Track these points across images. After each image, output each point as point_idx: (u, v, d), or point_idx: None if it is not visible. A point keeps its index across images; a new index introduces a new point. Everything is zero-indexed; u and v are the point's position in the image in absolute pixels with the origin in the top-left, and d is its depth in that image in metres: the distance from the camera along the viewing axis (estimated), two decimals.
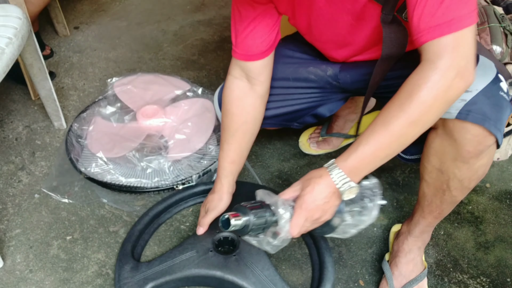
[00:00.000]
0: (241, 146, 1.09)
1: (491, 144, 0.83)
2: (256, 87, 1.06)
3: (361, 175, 0.81)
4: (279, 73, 1.12)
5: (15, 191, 1.34)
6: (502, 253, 1.20)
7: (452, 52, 0.71)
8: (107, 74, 1.79)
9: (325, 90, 1.13)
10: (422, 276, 1.09)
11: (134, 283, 1.03)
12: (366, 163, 0.79)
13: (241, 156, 1.10)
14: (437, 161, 0.91)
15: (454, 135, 0.84)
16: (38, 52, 1.34)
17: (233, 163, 1.09)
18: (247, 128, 1.09)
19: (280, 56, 1.13)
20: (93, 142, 1.39)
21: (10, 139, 1.50)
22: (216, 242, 1.10)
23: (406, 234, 1.10)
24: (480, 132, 0.81)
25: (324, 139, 1.46)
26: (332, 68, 1.10)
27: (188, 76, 1.76)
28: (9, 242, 1.20)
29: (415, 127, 0.76)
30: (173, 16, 2.17)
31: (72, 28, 2.06)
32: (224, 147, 1.08)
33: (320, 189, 0.81)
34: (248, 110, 1.07)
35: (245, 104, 1.07)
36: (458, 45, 0.72)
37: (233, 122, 1.07)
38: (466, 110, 0.79)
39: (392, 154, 0.79)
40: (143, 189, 1.29)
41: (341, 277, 1.14)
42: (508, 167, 1.43)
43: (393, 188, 1.36)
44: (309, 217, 0.82)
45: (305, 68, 1.12)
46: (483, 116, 0.79)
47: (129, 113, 1.48)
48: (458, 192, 0.93)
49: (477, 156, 0.85)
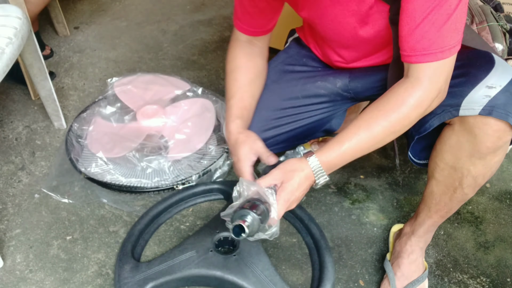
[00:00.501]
0: (255, 97, 1.04)
1: (509, 139, 0.85)
2: (263, 50, 1.07)
3: (335, 169, 0.87)
4: (288, 93, 1.10)
5: (15, 191, 1.34)
6: (502, 253, 1.20)
7: (440, 76, 0.80)
8: (107, 74, 1.79)
9: (337, 102, 1.12)
10: (423, 277, 1.09)
11: (134, 283, 1.03)
12: (343, 160, 0.86)
13: (253, 106, 1.04)
14: (452, 158, 0.91)
15: (474, 131, 0.85)
16: (38, 52, 1.34)
17: (245, 109, 1.01)
18: (260, 82, 1.07)
19: (281, 74, 1.13)
20: (93, 142, 1.39)
21: (10, 139, 1.50)
22: (216, 242, 1.10)
23: (410, 234, 1.10)
24: (502, 127, 0.82)
25: (325, 139, 1.46)
26: (341, 80, 1.08)
27: (188, 76, 1.76)
28: (9, 242, 1.20)
29: (393, 135, 0.84)
30: (173, 16, 2.17)
31: (72, 28, 2.06)
32: (237, 95, 1.01)
33: (301, 181, 0.85)
34: (261, 65, 1.06)
35: (257, 61, 1.06)
36: (444, 70, 0.80)
37: (246, 74, 1.03)
38: (489, 106, 0.81)
39: (364, 154, 0.86)
40: (143, 189, 1.29)
41: (341, 277, 1.14)
42: (508, 167, 1.43)
43: (393, 188, 1.36)
44: (288, 206, 0.86)
45: (313, 83, 1.10)
46: (506, 112, 0.80)
47: (129, 113, 1.48)
48: (470, 189, 0.94)
49: (495, 152, 0.87)
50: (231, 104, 1.00)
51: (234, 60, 1.04)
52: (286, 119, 1.11)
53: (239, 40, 1.06)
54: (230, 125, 0.98)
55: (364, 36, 0.94)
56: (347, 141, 0.83)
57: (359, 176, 1.39)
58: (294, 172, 0.85)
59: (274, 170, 0.86)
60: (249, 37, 1.05)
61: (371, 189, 1.36)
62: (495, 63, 0.84)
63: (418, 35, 0.78)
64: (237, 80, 1.02)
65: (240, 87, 1.02)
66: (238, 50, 1.05)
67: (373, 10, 0.88)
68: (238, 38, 1.06)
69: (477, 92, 0.82)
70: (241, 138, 0.95)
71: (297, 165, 0.85)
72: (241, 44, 1.05)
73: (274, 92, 1.11)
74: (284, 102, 1.09)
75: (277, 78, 1.13)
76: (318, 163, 0.85)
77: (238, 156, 0.94)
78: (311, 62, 1.14)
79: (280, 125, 1.10)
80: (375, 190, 1.35)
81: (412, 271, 1.09)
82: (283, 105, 1.09)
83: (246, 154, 0.94)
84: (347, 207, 1.30)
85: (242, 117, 0.99)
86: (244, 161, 0.93)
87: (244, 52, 1.05)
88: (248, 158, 0.93)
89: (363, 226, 1.26)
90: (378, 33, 0.91)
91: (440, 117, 0.88)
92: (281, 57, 1.18)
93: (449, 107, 0.86)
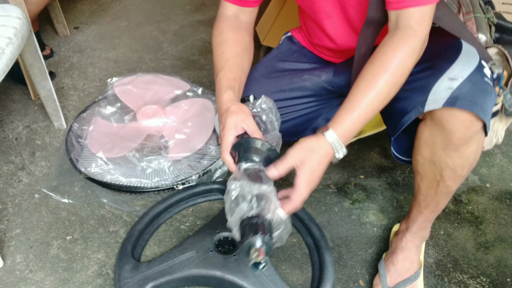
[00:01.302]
0: (244, 70, 1.02)
1: (478, 129, 0.85)
2: (249, 25, 1.07)
3: (351, 137, 0.85)
4: (274, 87, 1.10)
5: (15, 191, 1.34)
6: (502, 253, 1.20)
7: (428, 20, 0.82)
8: (107, 74, 1.79)
9: (322, 97, 1.12)
10: (416, 276, 1.09)
11: (134, 283, 1.03)
12: (358, 127, 0.84)
13: (243, 78, 1.01)
14: (428, 152, 0.92)
15: (443, 124, 0.85)
16: (38, 52, 1.34)
17: (235, 80, 0.97)
18: (248, 55, 1.05)
19: (272, 69, 1.13)
20: (93, 142, 1.39)
21: (10, 139, 1.50)
22: (216, 242, 1.10)
23: (404, 231, 1.11)
24: (468, 117, 0.82)
25: None
26: (326, 73, 1.10)
27: (188, 76, 1.76)
28: (9, 242, 1.20)
29: (396, 87, 0.84)
30: (173, 16, 2.17)
31: (72, 28, 2.06)
32: (226, 66, 0.98)
33: (321, 159, 0.83)
34: (248, 39, 1.05)
35: (244, 35, 1.04)
36: (430, 15, 0.82)
37: (234, 47, 1.01)
38: (453, 97, 0.81)
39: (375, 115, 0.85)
40: (143, 189, 1.29)
41: (341, 277, 1.14)
42: (508, 167, 1.43)
43: (393, 188, 1.36)
44: (312, 188, 0.85)
45: (300, 76, 1.11)
46: (470, 102, 0.81)
47: (129, 113, 1.48)
48: (452, 181, 0.95)
49: (467, 143, 0.87)
50: (220, 76, 0.96)
51: (220, 34, 1.02)
52: None
53: (225, 14, 1.04)
54: (223, 95, 0.93)
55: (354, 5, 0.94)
56: (357, 106, 0.82)
57: (359, 176, 1.39)
58: (313, 151, 0.82)
59: (291, 150, 0.82)
60: (235, 10, 1.04)
61: (371, 189, 1.36)
62: (460, 53, 0.85)
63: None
64: (224, 53, 0.99)
65: (228, 59, 0.99)
66: (224, 24, 1.03)
67: None
68: (224, 13, 1.04)
69: (440, 85, 0.83)
70: (233, 107, 0.90)
71: (315, 143, 0.83)
72: (227, 19, 1.04)
73: (262, 86, 1.11)
74: (271, 95, 1.09)
75: (267, 72, 1.13)
76: (336, 137, 0.82)
77: (225, 124, 0.89)
78: (301, 57, 1.15)
79: None
80: (375, 190, 1.35)
81: (406, 268, 1.09)
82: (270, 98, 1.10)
83: (234, 124, 0.88)
84: (347, 207, 1.31)
85: (233, 87, 0.95)
86: (229, 129, 0.88)
87: (231, 25, 1.03)
88: (234, 128, 0.88)
89: (363, 226, 1.26)
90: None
91: (410, 115, 0.88)
92: (273, 53, 1.19)
93: (417, 104, 0.86)
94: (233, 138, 0.88)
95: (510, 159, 1.45)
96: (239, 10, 1.04)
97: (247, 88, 1.09)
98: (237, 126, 0.88)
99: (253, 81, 1.12)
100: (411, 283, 1.09)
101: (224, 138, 0.88)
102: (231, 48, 1.00)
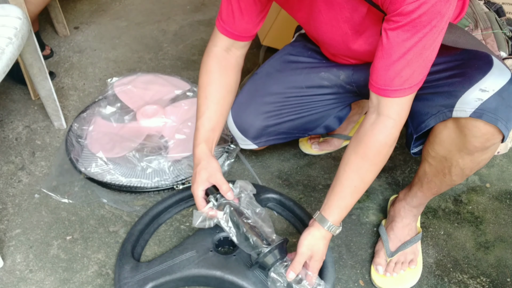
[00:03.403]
0: (223, 114, 1.07)
1: (498, 141, 0.87)
2: (239, 60, 1.08)
3: (342, 219, 0.97)
4: (291, 82, 1.11)
5: (15, 191, 1.34)
6: (502, 253, 1.20)
7: (406, 110, 0.87)
8: (107, 74, 1.79)
9: (340, 95, 1.13)
10: (416, 239, 1.15)
11: (134, 283, 1.03)
12: (348, 209, 0.96)
13: (221, 124, 1.07)
14: (442, 150, 0.95)
15: (464, 131, 0.87)
16: (38, 52, 1.34)
17: (214, 130, 1.05)
18: (231, 99, 1.09)
19: (286, 63, 1.13)
20: (93, 142, 1.39)
21: (10, 139, 1.50)
22: (216, 242, 1.10)
23: (403, 202, 1.15)
24: (491, 130, 0.84)
25: (325, 140, 1.46)
26: (345, 72, 1.10)
27: (188, 76, 1.76)
28: (9, 242, 1.20)
29: (378, 170, 0.93)
30: (173, 16, 2.17)
31: (72, 28, 2.06)
32: (206, 114, 1.04)
33: (324, 245, 0.96)
34: (234, 80, 1.07)
35: (231, 75, 1.07)
36: (409, 104, 0.87)
37: (218, 91, 1.05)
38: (481, 109, 0.82)
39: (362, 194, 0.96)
40: (143, 189, 1.29)
41: (341, 277, 1.14)
42: (508, 167, 1.43)
43: (393, 188, 1.36)
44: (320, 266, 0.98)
45: (317, 73, 1.11)
46: (496, 117, 0.82)
47: (129, 113, 1.48)
48: (458, 177, 0.99)
49: (483, 151, 0.90)
50: (199, 124, 1.04)
51: (207, 73, 1.05)
52: (289, 107, 1.12)
53: (217, 47, 1.05)
54: (195, 149, 1.02)
55: (357, 43, 0.95)
56: (347, 194, 0.93)
57: None
58: (316, 243, 0.95)
59: (300, 249, 0.94)
60: (228, 44, 1.04)
61: (371, 189, 1.36)
62: (493, 65, 0.84)
63: (393, 73, 0.82)
64: (207, 98, 1.05)
65: (209, 106, 1.04)
66: (213, 63, 1.05)
67: (367, 19, 0.88)
68: (216, 45, 1.05)
69: (470, 94, 0.84)
70: (203, 163, 1.00)
71: (317, 235, 0.95)
72: (217, 55, 1.05)
73: (277, 80, 1.12)
74: (288, 90, 1.11)
75: (281, 67, 1.14)
76: (331, 224, 0.94)
77: (194, 179, 1.00)
78: (315, 55, 1.14)
79: (283, 113, 1.12)
80: (375, 190, 1.35)
81: (405, 234, 1.15)
82: (286, 93, 1.11)
83: (202, 180, 0.99)
84: None
85: (207, 140, 1.03)
86: (198, 184, 0.99)
87: (219, 65, 1.05)
88: (203, 183, 0.99)
89: (363, 226, 1.26)
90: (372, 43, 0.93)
91: (436, 118, 0.91)
92: (287, 49, 1.19)
93: (443, 108, 0.88)
94: (202, 193, 1.00)
95: (510, 159, 1.45)
96: (232, 43, 1.05)
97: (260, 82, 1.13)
98: (205, 182, 0.99)
99: (269, 77, 1.14)
100: (411, 245, 1.14)
101: (194, 194, 1.00)
102: (215, 93, 1.05)
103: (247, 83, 1.18)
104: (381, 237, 1.17)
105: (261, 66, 1.19)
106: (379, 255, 1.14)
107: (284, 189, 1.35)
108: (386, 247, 1.14)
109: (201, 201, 1.00)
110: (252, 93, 1.15)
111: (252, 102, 1.14)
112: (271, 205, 1.28)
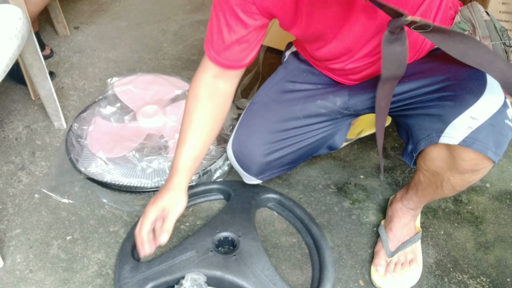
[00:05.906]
0: (206, 144, 1.03)
1: (488, 166, 0.87)
2: (231, 88, 1.04)
3: None
4: (288, 113, 1.10)
5: (15, 191, 1.34)
6: (502, 253, 1.20)
7: None
8: (107, 74, 1.79)
9: (337, 120, 1.12)
10: (415, 239, 1.15)
11: (134, 283, 1.03)
12: None
13: (203, 154, 1.04)
14: (433, 166, 0.95)
15: (453, 154, 0.87)
16: (38, 52, 1.34)
17: (195, 160, 1.01)
18: (218, 127, 1.05)
19: (282, 93, 1.12)
20: (93, 142, 1.39)
21: (10, 139, 1.50)
22: (216, 242, 1.10)
23: (400, 203, 1.16)
24: (480, 157, 0.84)
25: None
26: (341, 98, 1.08)
27: (188, 76, 1.76)
28: (9, 242, 1.20)
29: None
30: (173, 16, 2.17)
31: (72, 28, 2.06)
32: (189, 142, 1.00)
33: None
34: (221, 109, 1.04)
35: (219, 103, 1.03)
36: None
37: (204, 119, 1.01)
38: (471, 138, 0.81)
39: None
40: (143, 189, 1.29)
41: (341, 277, 1.14)
42: (508, 167, 1.43)
43: (393, 188, 1.36)
44: None
45: (313, 102, 1.10)
46: (486, 146, 0.81)
47: (129, 113, 1.48)
48: (450, 192, 0.99)
49: (473, 173, 0.89)
50: (181, 151, 0.99)
51: (195, 100, 1.01)
52: (289, 140, 1.11)
53: (206, 73, 1.00)
54: (174, 175, 0.98)
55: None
56: None
57: (359, 176, 1.39)
58: None
59: None
60: (218, 72, 1.00)
61: (371, 189, 1.36)
62: (485, 90, 0.83)
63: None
64: (191, 126, 1.00)
65: (194, 134, 1.00)
66: (201, 91, 1.01)
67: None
68: (206, 70, 1.00)
69: (460, 121, 0.83)
70: (172, 195, 0.96)
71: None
72: (205, 82, 1.01)
73: (275, 113, 1.10)
74: (286, 123, 1.09)
75: (277, 97, 1.12)
76: None
77: (155, 201, 0.96)
78: (311, 77, 1.13)
79: (284, 147, 1.10)
80: (375, 190, 1.35)
81: (404, 234, 1.16)
82: (285, 126, 1.09)
83: (160, 208, 0.95)
84: (347, 207, 1.30)
85: (189, 170, 0.99)
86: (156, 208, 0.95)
87: (208, 92, 1.01)
88: (159, 211, 0.95)
89: (363, 226, 1.26)
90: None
91: (425, 141, 0.90)
92: (281, 74, 1.17)
93: (433, 132, 0.88)
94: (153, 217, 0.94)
95: (510, 159, 1.45)
96: (222, 73, 0.99)
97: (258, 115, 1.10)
98: (162, 211, 0.95)
99: (265, 107, 1.11)
100: (411, 245, 1.14)
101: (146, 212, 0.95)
102: (201, 121, 1.01)
103: (244, 114, 1.14)
104: (381, 237, 1.17)
105: (258, 94, 1.15)
106: (379, 256, 1.14)
107: (284, 189, 1.35)
108: (386, 248, 1.14)
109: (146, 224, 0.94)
110: (251, 127, 1.11)
111: (252, 137, 1.10)
112: (271, 205, 1.28)
